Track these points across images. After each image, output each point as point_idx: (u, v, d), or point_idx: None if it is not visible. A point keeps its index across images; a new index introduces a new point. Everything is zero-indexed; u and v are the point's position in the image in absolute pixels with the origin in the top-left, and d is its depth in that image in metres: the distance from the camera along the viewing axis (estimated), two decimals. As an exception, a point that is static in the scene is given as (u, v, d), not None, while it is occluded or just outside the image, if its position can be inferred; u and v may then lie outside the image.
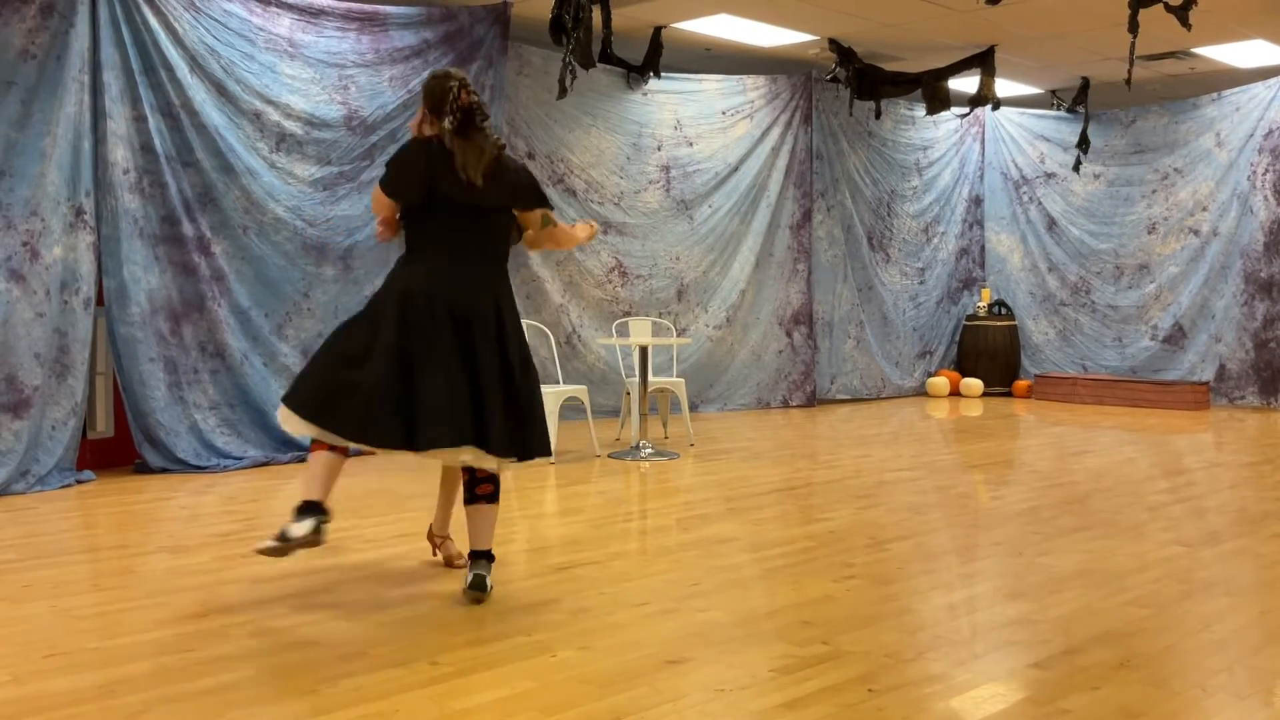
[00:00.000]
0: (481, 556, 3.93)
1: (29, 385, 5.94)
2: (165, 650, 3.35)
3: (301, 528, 3.66)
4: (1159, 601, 3.99)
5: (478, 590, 3.85)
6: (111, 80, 6.30)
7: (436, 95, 3.86)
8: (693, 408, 9.59)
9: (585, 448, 7.59)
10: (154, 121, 6.49)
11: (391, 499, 5.82)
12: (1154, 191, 11.36)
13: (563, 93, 8.03)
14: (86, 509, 5.62)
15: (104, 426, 6.71)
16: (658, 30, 9.02)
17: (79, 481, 6.17)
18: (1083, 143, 11.17)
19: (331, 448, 3.78)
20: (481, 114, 3.88)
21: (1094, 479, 6.66)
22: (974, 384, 11.84)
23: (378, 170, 7.44)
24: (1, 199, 5.87)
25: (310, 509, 3.72)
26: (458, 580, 4.17)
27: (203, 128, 6.65)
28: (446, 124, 3.80)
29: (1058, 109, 11.68)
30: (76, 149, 6.14)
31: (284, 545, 3.66)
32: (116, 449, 6.69)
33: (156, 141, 6.48)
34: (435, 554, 4.46)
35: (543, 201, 4.08)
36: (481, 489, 3.93)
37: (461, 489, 4.02)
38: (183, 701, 2.93)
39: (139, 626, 3.59)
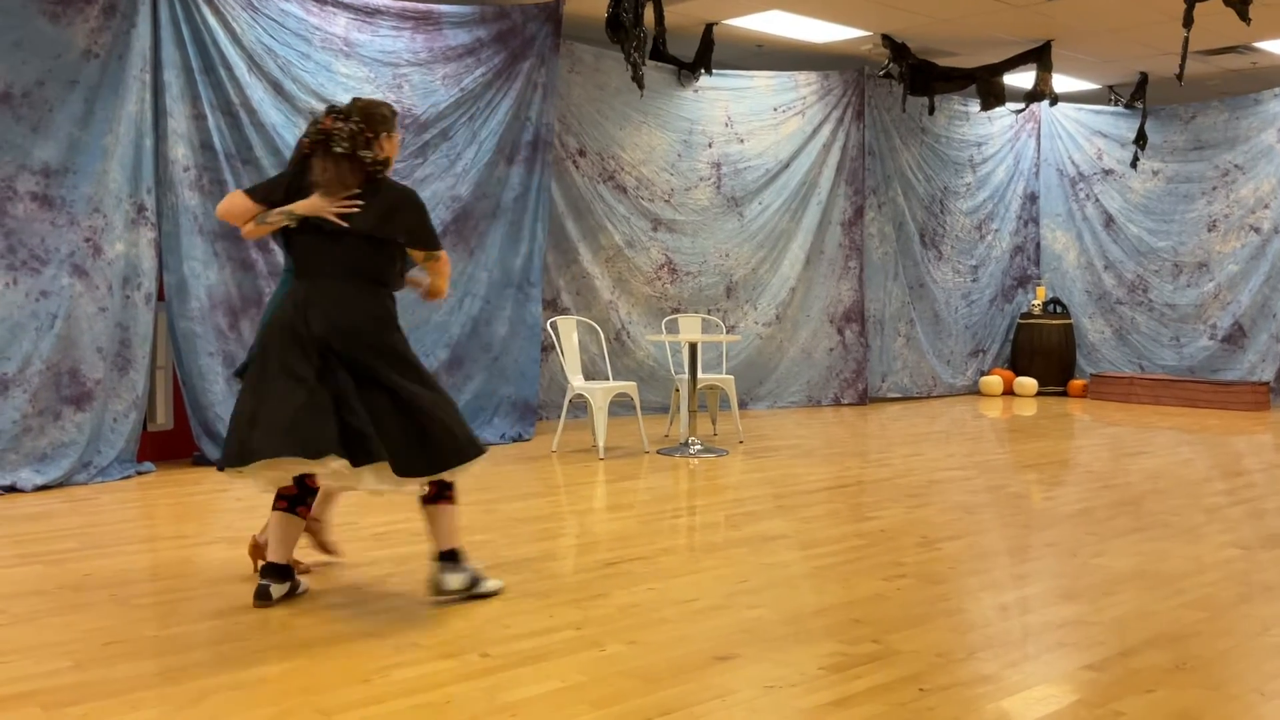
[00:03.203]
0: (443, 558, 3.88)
1: (91, 379, 6.07)
2: (223, 639, 3.41)
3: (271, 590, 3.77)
4: (1216, 604, 3.92)
5: (434, 591, 3.84)
6: (172, 79, 6.41)
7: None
8: (742, 405, 9.57)
9: (634, 444, 7.61)
10: (213, 120, 6.60)
11: (443, 493, 5.87)
12: (1214, 188, 11.16)
13: (641, 89, 8.13)
14: (146, 500, 5.74)
15: (164, 419, 6.84)
16: (709, 27, 9.01)
17: (139, 473, 6.30)
18: (1140, 139, 10.99)
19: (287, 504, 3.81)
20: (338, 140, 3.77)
21: (1150, 480, 6.56)
22: (1028, 383, 11.70)
23: (431, 168, 7.57)
24: (65, 196, 6.00)
25: (272, 571, 3.81)
26: (508, 573, 4.21)
27: (261, 126, 6.75)
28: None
29: (1115, 105, 11.50)
30: (138, 147, 6.26)
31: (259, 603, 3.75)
32: (176, 441, 6.82)
33: (216, 139, 6.60)
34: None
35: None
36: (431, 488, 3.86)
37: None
38: (239, 689, 2.99)
39: (197, 615, 3.66)
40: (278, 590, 3.79)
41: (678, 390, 7.92)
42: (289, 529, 3.81)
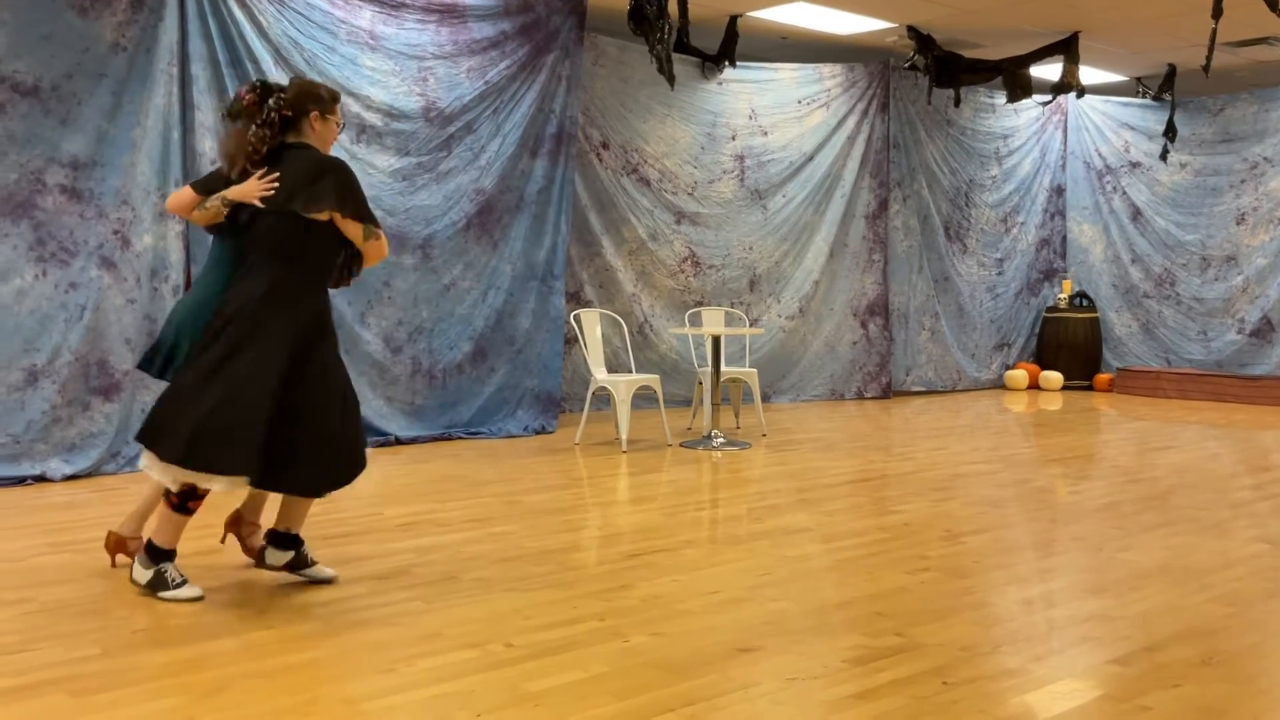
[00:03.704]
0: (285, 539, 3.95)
1: (119, 370, 6.12)
2: (249, 627, 3.44)
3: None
4: (1243, 599, 3.90)
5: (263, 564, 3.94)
6: (199, 72, 6.45)
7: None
8: (765, 398, 9.56)
9: (657, 437, 7.61)
10: (239, 113, 6.63)
11: (465, 484, 5.90)
12: (1243, 181, 11.05)
13: (671, 82, 8.12)
14: (173, 490, 5.77)
15: (190, 410, 6.87)
16: (733, 19, 8.99)
17: (166, 463, 6.34)
18: (1169, 131, 10.90)
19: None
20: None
21: (1177, 475, 6.51)
22: (1053, 377, 11.64)
23: (455, 161, 7.58)
24: (93, 188, 6.05)
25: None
26: (531, 564, 4.23)
27: (286, 119, 6.78)
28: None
29: (1143, 97, 11.41)
30: (165, 139, 6.31)
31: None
32: (201, 432, 6.85)
33: (241, 132, 6.63)
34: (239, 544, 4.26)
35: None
36: None
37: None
38: (265, 677, 3.01)
39: (223, 604, 3.69)
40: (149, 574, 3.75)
41: (700, 383, 7.92)
42: (169, 522, 3.78)
